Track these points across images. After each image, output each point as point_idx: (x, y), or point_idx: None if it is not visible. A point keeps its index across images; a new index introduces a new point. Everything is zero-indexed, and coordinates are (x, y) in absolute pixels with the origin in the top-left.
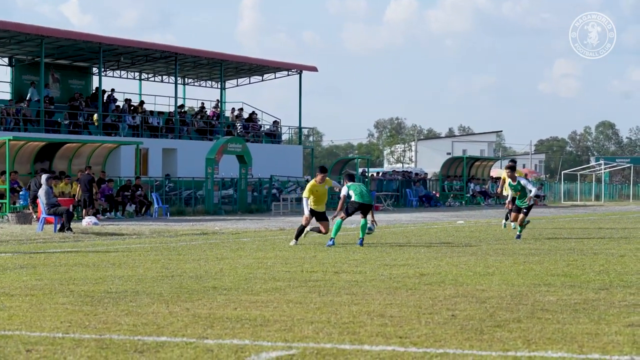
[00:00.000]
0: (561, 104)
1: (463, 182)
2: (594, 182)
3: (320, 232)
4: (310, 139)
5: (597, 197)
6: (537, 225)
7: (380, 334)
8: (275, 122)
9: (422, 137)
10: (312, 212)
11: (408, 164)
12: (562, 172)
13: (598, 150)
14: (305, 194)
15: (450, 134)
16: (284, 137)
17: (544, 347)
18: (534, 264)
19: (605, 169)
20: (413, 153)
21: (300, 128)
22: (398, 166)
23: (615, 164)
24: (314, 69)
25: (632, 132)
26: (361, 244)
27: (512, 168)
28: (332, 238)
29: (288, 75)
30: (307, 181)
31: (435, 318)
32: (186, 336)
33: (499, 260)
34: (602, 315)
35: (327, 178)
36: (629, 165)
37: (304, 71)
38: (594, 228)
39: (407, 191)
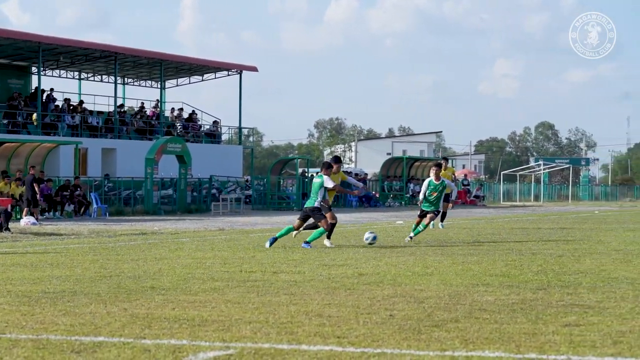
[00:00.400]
0: (501, 105)
1: (403, 183)
2: (533, 183)
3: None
4: (250, 139)
5: (536, 198)
6: (476, 226)
7: (318, 334)
8: (215, 122)
9: (362, 138)
10: (330, 207)
11: (348, 164)
12: (502, 173)
13: (537, 151)
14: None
15: (391, 135)
16: (224, 137)
17: (481, 346)
18: (472, 264)
19: (544, 169)
20: (353, 153)
21: (240, 128)
22: None
23: (554, 164)
24: (254, 69)
25: (572, 133)
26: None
27: (440, 166)
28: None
29: (228, 75)
30: (247, 181)
31: (374, 318)
32: (124, 336)
33: (437, 261)
34: (539, 315)
35: (340, 171)
36: (568, 165)
37: (244, 71)
38: (533, 228)
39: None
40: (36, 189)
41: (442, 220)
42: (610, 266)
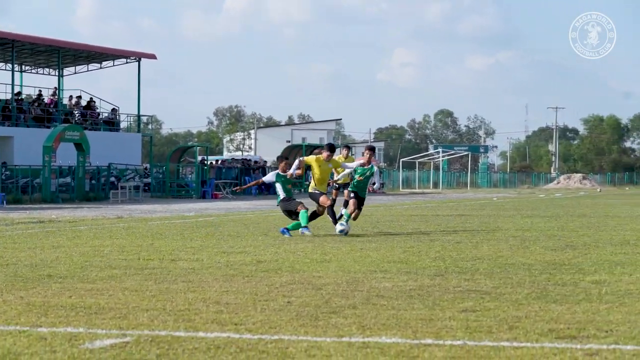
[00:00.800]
0: (400, 93)
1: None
2: (432, 170)
3: (317, 213)
4: (150, 127)
5: (436, 185)
6: (375, 213)
7: (215, 321)
8: (113, 109)
9: (261, 125)
10: (321, 192)
11: (247, 151)
12: (401, 160)
13: (437, 139)
14: (305, 158)
15: (290, 122)
16: (123, 125)
17: (378, 332)
18: (370, 251)
19: (443, 157)
20: (252, 141)
21: (139, 116)
22: (237, 154)
23: (453, 152)
24: (152, 56)
25: (470, 121)
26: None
27: (373, 149)
28: (287, 229)
29: (127, 62)
30: (146, 169)
31: (271, 305)
32: (19, 324)
33: (336, 247)
34: (436, 301)
35: (335, 158)
36: (467, 153)
37: (142, 59)
38: (432, 215)
39: (247, 179)
40: None
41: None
42: (507, 252)
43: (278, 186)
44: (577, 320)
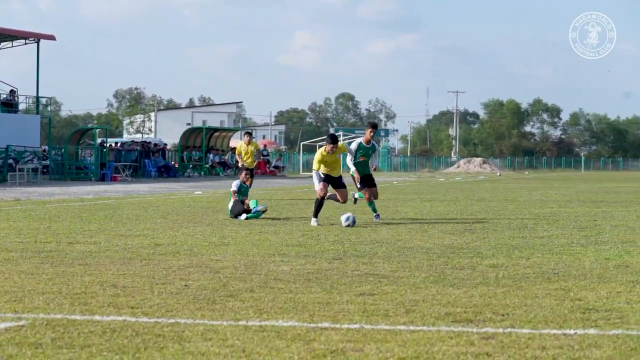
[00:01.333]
0: (301, 76)
1: (202, 153)
2: None
3: (337, 200)
4: (49, 108)
5: None
6: (275, 196)
7: (111, 304)
8: (12, 91)
9: (162, 108)
10: (328, 179)
11: (147, 134)
12: (302, 143)
13: (338, 122)
14: (314, 166)
15: (191, 105)
16: (21, 106)
17: (275, 316)
18: (269, 234)
19: (344, 140)
20: (153, 123)
21: (37, 97)
22: (137, 136)
23: (354, 135)
24: (51, 37)
25: (372, 104)
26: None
27: (375, 126)
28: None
29: (25, 44)
30: (45, 151)
31: (168, 288)
32: None
33: (234, 231)
34: (334, 285)
35: (340, 145)
36: None
37: (41, 40)
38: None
39: (146, 162)
40: None
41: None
42: (406, 236)
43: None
44: (474, 303)
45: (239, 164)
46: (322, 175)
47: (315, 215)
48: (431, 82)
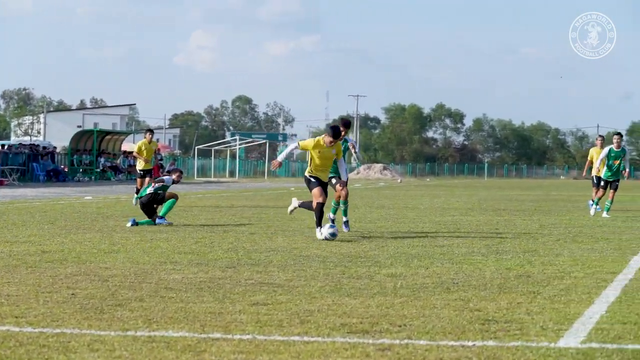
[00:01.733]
0: (198, 78)
1: (93, 157)
2: (228, 158)
3: (310, 208)
4: None
5: (232, 174)
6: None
7: None
8: None
9: (51, 109)
10: (317, 181)
11: (36, 136)
12: (197, 148)
13: (234, 126)
14: (300, 143)
15: (82, 106)
16: None
17: (165, 326)
18: (161, 242)
19: (240, 144)
20: (42, 125)
21: None
22: (25, 139)
23: (251, 139)
24: None
25: (270, 108)
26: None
27: (348, 125)
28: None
29: None
30: None
31: (55, 297)
32: None
33: (125, 238)
34: (227, 294)
35: (339, 144)
36: (265, 141)
37: None
38: (226, 206)
39: (34, 165)
40: None
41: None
42: (302, 244)
43: None
44: (371, 314)
45: (137, 166)
46: (314, 179)
47: (319, 224)
48: (331, 86)
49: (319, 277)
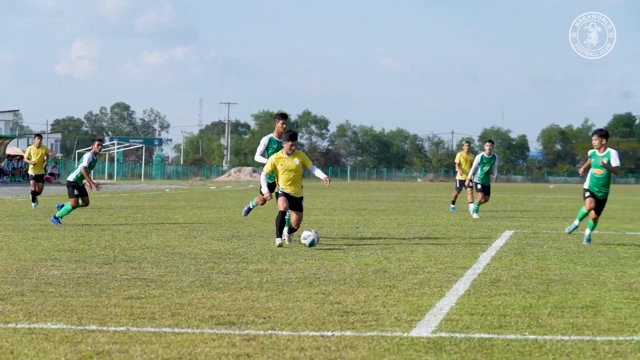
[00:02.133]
0: (78, 85)
1: None
2: (107, 161)
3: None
4: None
5: (111, 176)
6: (49, 204)
7: None
8: None
9: None
10: (286, 197)
11: None
12: (77, 151)
13: (113, 131)
14: (265, 168)
15: None
16: None
17: (44, 319)
18: (42, 239)
19: (119, 148)
20: None
21: None
22: None
23: (128, 144)
24: None
25: (146, 114)
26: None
27: (285, 116)
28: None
29: None
30: None
31: None
32: None
33: (7, 236)
34: (103, 289)
35: (300, 152)
36: (141, 145)
37: None
38: (106, 207)
39: None
40: None
41: None
42: (175, 242)
43: None
44: (238, 307)
45: (29, 171)
46: (281, 192)
47: (279, 235)
48: (204, 93)
49: (190, 272)
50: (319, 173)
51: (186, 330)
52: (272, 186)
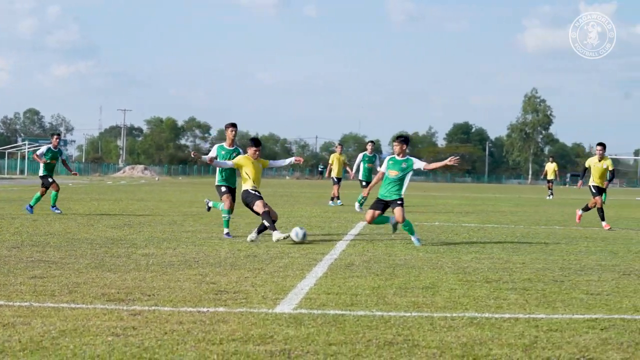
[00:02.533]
0: None
1: None
2: (19, 159)
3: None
4: None
5: (22, 172)
6: None
7: None
8: None
9: None
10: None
11: None
12: None
13: (25, 133)
14: (234, 162)
15: None
16: None
17: None
18: None
19: (29, 148)
20: None
21: None
22: None
23: (38, 144)
24: None
25: (54, 118)
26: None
27: (234, 125)
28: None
29: None
30: None
31: None
32: None
33: None
34: (11, 269)
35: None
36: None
37: None
38: (16, 199)
39: None
40: None
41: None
42: (75, 229)
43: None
44: (126, 286)
45: None
46: (256, 192)
47: (274, 228)
48: (104, 101)
49: (86, 255)
50: (282, 162)
51: (81, 306)
52: (232, 191)
